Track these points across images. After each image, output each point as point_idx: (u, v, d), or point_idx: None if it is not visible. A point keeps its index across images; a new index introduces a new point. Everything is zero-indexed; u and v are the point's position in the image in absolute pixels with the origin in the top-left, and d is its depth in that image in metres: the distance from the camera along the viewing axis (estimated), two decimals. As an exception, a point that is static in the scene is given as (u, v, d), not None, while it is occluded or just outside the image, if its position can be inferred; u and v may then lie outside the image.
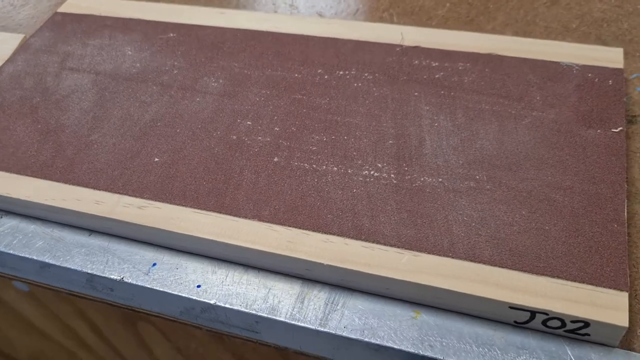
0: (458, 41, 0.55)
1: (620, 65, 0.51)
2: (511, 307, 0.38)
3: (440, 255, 0.40)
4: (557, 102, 0.49)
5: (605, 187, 0.43)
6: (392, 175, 0.45)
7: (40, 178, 0.49)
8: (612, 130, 0.46)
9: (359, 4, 0.66)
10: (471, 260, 0.40)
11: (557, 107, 0.48)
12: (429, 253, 0.40)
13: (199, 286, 0.44)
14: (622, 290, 0.37)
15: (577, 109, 0.48)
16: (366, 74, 0.53)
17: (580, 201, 0.42)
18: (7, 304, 0.59)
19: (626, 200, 0.42)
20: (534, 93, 0.50)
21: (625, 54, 0.56)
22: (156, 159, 0.49)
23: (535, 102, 0.49)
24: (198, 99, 0.53)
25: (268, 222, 0.43)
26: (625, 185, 0.43)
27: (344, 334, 0.40)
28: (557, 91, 0.50)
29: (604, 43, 0.57)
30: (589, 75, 0.51)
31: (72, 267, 0.45)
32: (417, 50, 0.55)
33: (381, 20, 0.64)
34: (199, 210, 0.45)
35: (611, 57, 0.52)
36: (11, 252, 0.47)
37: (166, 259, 0.45)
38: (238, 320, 0.43)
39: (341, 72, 0.54)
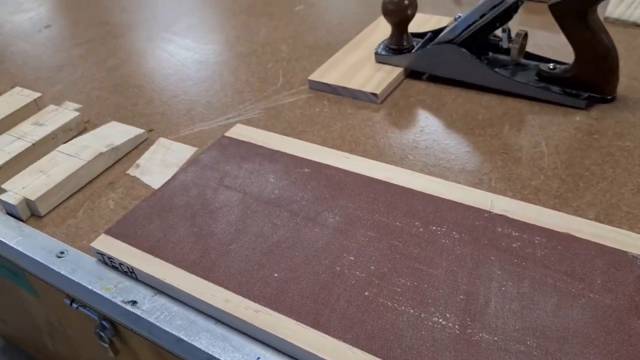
0: (541, 216, 0.65)
1: (683, 266, 0.57)
2: None
3: (481, 404, 0.49)
4: (616, 288, 0.56)
5: (641, 376, 0.49)
6: (456, 326, 0.55)
7: (189, 272, 0.64)
8: (660, 325, 0.53)
9: (466, 163, 0.78)
10: (506, 415, 0.48)
11: (614, 293, 0.56)
12: (472, 400, 0.49)
13: (288, 384, 0.55)
14: None
15: (632, 299, 0.55)
16: (454, 233, 0.64)
17: (614, 384, 0.49)
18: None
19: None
20: (596, 276, 0.58)
21: (697, 251, 0.62)
22: (275, 275, 0.62)
23: (595, 285, 0.57)
24: (317, 230, 0.67)
25: (350, 344, 0.55)
26: (659, 378, 0.49)
27: None
28: (618, 278, 0.57)
29: (680, 237, 0.63)
30: (651, 269, 0.58)
31: (198, 346, 0.60)
32: (502, 219, 0.65)
33: (481, 181, 0.75)
34: (299, 324, 0.57)
35: (676, 255, 0.59)
36: (157, 324, 0.62)
37: (268, 355, 0.58)
38: (313, 419, 0.54)
39: (434, 227, 0.65)
